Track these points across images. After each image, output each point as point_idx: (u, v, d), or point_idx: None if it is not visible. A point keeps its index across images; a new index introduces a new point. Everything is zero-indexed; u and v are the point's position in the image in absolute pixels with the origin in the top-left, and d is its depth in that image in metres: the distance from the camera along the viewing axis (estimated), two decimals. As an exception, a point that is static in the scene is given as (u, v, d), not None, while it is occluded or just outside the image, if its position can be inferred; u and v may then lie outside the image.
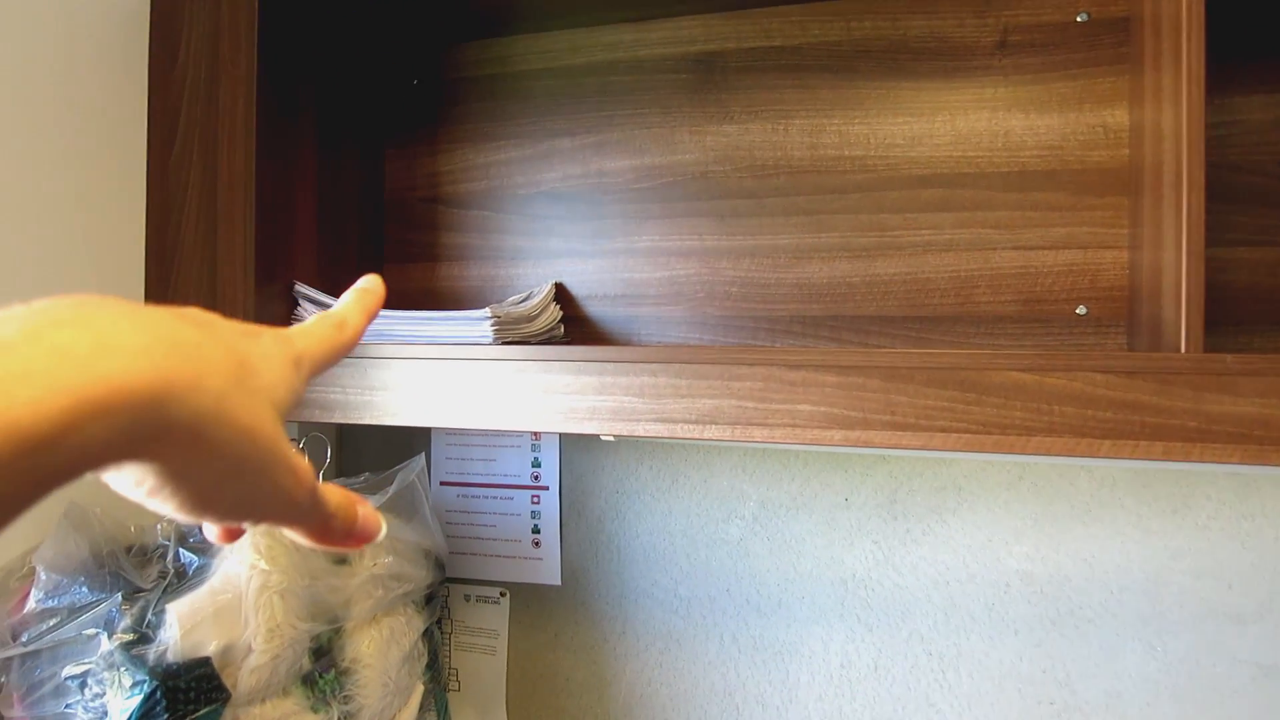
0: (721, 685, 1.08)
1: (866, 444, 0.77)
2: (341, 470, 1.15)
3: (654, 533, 1.10)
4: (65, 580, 0.83)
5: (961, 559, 0.99)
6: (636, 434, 0.82)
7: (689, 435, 0.81)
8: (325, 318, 0.43)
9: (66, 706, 0.80)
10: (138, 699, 0.79)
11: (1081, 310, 0.92)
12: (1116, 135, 0.91)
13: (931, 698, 1.00)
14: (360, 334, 0.45)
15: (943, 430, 0.74)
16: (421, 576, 1.02)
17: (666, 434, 0.81)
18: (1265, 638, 0.91)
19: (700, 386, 0.80)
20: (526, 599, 1.15)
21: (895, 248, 0.97)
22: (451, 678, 1.16)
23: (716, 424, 0.80)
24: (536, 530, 1.13)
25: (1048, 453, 0.73)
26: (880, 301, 0.98)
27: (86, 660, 0.80)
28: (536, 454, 1.13)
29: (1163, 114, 0.79)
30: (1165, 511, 0.93)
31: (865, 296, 0.99)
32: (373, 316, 0.47)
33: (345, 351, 0.43)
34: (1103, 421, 0.71)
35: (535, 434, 1.13)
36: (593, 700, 1.13)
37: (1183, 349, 0.73)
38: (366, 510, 0.42)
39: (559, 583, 1.13)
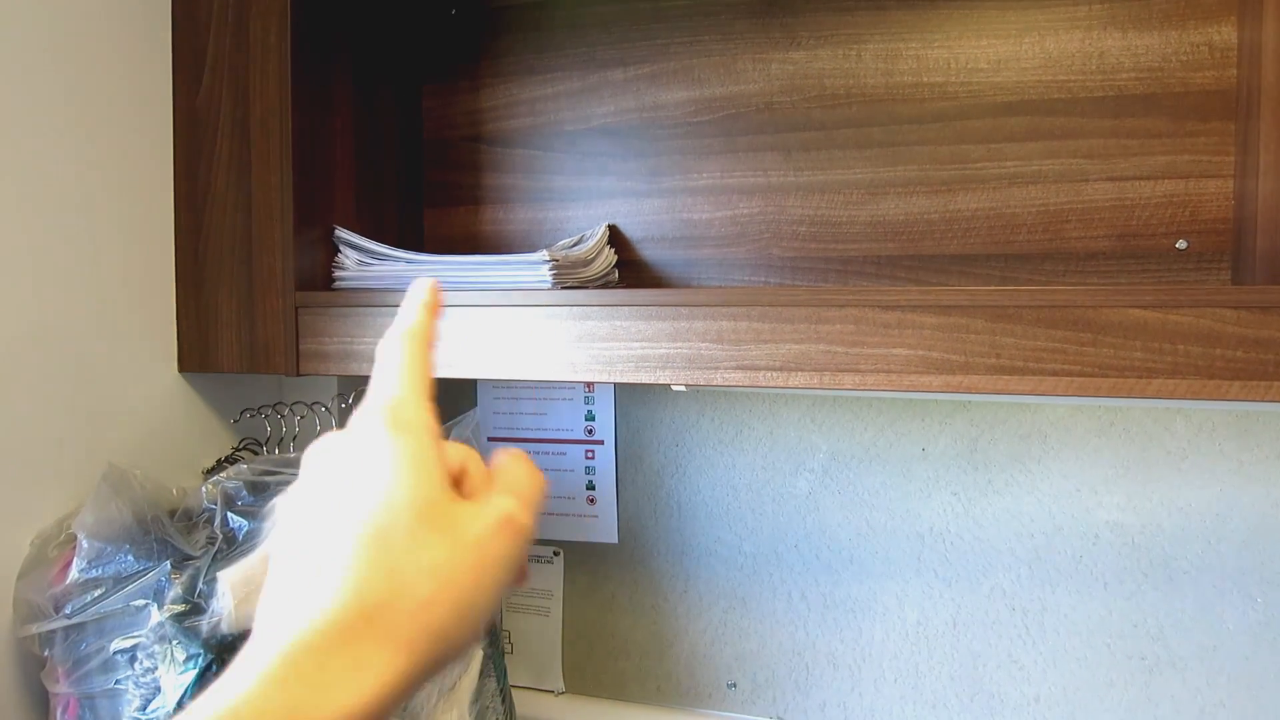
0: (790, 644, 1.03)
1: (968, 390, 0.71)
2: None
3: (717, 487, 1.05)
4: (109, 548, 0.78)
5: (1047, 509, 0.94)
6: (715, 383, 0.77)
7: (772, 384, 0.75)
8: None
9: (116, 682, 0.75)
10: (193, 673, 0.74)
11: (1181, 244, 0.87)
12: (1224, 54, 0.84)
13: (1014, 654, 0.96)
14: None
15: (1053, 374, 0.69)
16: (476, 537, 0.97)
17: (748, 383, 0.76)
18: (1372, 587, 0.87)
19: (785, 330, 0.74)
20: (582, 558, 1.10)
21: (978, 181, 0.91)
22: (504, 640, 1.12)
23: (803, 370, 0.75)
24: (591, 486, 1.08)
25: (1170, 396, 0.67)
26: (961, 239, 0.92)
27: (136, 633, 0.75)
28: (590, 406, 1.08)
29: (1295, 25, 0.73)
30: (1269, 457, 0.88)
31: (945, 234, 0.92)
32: None
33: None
34: (1232, 361, 0.65)
35: (589, 385, 1.08)
36: (653, 662, 1.08)
37: (1321, 281, 0.67)
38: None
39: (616, 541, 1.08)
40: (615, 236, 1.02)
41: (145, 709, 0.73)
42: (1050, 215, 0.90)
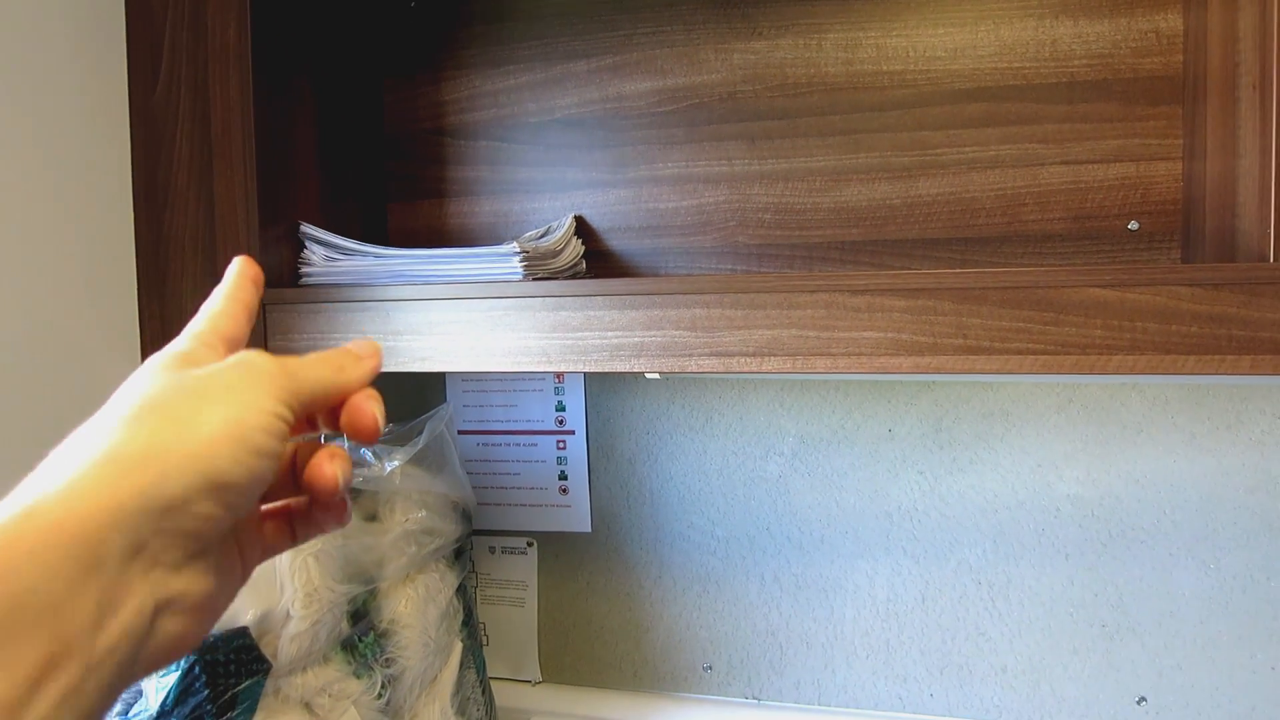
0: (764, 625, 1.05)
1: (937, 370, 0.73)
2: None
3: (688, 473, 1.06)
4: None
5: (1010, 486, 0.97)
6: (689, 370, 0.78)
7: (746, 369, 0.77)
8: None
9: (95, 687, 0.75)
10: (175, 675, 0.73)
11: (1133, 225, 0.89)
12: (1170, 41, 0.87)
13: (981, 626, 0.99)
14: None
15: (1019, 352, 0.71)
16: (451, 530, 0.97)
17: (722, 369, 0.77)
18: (1317, 549, 0.91)
19: (757, 317, 0.75)
20: (555, 548, 1.11)
21: (938, 167, 0.93)
22: (481, 632, 1.12)
23: (775, 356, 0.76)
24: (563, 476, 1.09)
25: (1130, 372, 0.70)
26: (923, 224, 0.94)
27: (114, 637, 0.74)
28: (560, 397, 1.08)
29: (1239, 14, 0.75)
30: (1219, 428, 0.92)
31: (907, 219, 0.94)
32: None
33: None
34: (1187, 337, 0.68)
35: (558, 376, 1.08)
36: (630, 647, 1.10)
37: (1270, 258, 0.70)
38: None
39: (589, 529, 1.09)
40: (582, 227, 1.02)
41: (127, 713, 0.72)
42: (1008, 199, 0.92)
